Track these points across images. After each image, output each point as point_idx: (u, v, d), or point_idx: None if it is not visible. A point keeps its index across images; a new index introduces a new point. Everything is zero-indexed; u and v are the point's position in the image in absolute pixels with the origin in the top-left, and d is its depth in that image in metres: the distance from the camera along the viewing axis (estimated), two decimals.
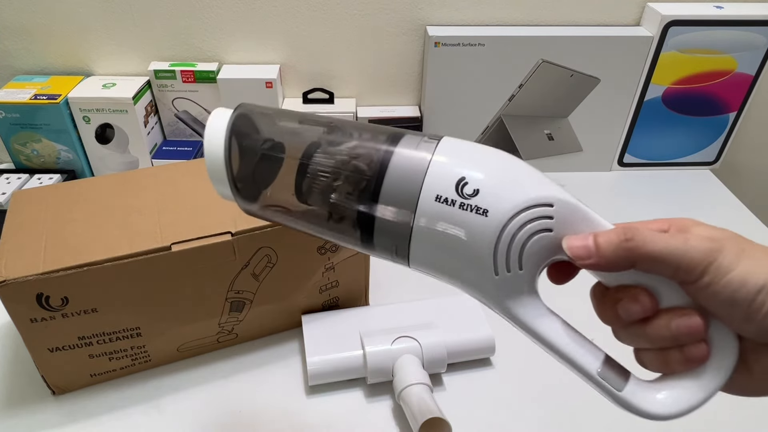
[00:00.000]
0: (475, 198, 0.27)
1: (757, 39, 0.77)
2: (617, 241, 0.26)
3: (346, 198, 0.30)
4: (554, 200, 0.27)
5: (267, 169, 0.32)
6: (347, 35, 0.80)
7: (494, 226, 0.27)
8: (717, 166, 0.90)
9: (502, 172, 0.28)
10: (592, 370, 0.28)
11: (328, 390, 0.54)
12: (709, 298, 0.26)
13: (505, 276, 0.28)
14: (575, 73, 0.79)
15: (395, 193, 0.28)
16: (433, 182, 0.28)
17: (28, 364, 0.54)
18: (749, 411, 0.53)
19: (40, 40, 0.79)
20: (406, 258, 0.30)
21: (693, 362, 0.27)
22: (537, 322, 0.29)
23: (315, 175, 0.30)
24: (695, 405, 0.28)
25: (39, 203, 0.52)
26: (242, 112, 0.32)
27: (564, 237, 0.28)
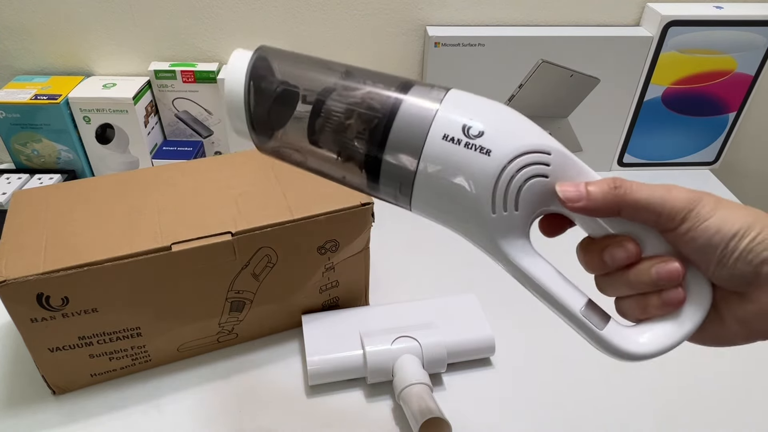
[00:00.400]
0: (480, 138, 0.29)
1: (756, 39, 0.77)
2: (606, 188, 0.29)
3: (357, 137, 0.31)
4: (552, 149, 0.30)
5: (283, 109, 0.33)
6: (347, 35, 0.80)
7: (495, 166, 0.29)
8: (717, 166, 0.90)
9: (506, 120, 0.30)
10: (575, 308, 0.30)
11: (328, 390, 0.54)
12: (687, 243, 0.28)
13: (501, 215, 0.30)
14: (575, 73, 0.79)
15: (405, 129, 0.30)
16: (441, 122, 0.30)
17: (28, 364, 0.54)
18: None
19: (41, 40, 0.79)
20: (408, 196, 0.31)
21: (670, 305, 0.29)
22: (526, 261, 0.30)
23: (328, 115, 0.32)
24: (671, 345, 0.29)
25: (39, 203, 0.52)
26: (261, 54, 0.33)
27: (558, 182, 0.30)
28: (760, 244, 0.27)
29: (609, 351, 0.30)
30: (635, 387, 0.55)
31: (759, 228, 0.27)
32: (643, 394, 0.54)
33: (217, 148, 0.86)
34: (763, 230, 0.27)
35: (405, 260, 0.69)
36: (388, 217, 0.75)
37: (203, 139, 0.85)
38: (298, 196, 0.53)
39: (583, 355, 0.58)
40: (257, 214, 0.51)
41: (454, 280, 0.66)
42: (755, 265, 0.27)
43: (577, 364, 0.57)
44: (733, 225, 0.27)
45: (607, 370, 0.56)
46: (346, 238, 0.55)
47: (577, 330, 0.31)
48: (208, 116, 0.83)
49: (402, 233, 0.73)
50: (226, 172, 0.57)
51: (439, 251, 0.71)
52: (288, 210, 0.51)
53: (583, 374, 0.56)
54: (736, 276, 0.28)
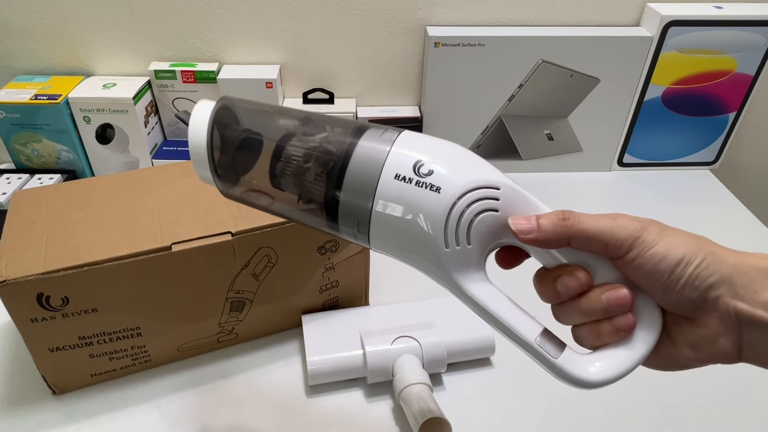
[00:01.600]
0: (430, 177, 0.30)
1: (756, 39, 0.77)
2: (556, 219, 0.30)
3: (315, 179, 0.33)
4: (501, 185, 0.31)
5: (245, 156, 0.35)
6: (347, 35, 0.80)
7: (445, 202, 0.30)
8: (716, 166, 0.90)
9: (455, 159, 0.32)
10: (530, 338, 0.31)
11: (328, 390, 0.54)
12: (635, 270, 0.29)
13: (454, 249, 0.31)
14: (575, 73, 0.79)
15: (359, 172, 0.32)
16: (393, 162, 0.31)
17: (28, 364, 0.54)
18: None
19: (41, 40, 0.79)
20: (366, 235, 0.33)
21: (621, 331, 0.30)
22: (481, 293, 0.32)
23: (288, 160, 0.33)
24: (625, 371, 0.30)
25: (39, 203, 0.52)
26: (224, 104, 0.35)
27: (509, 216, 0.31)
28: (705, 270, 0.28)
29: (565, 379, 0.31)
30: (635, 386, 0.55)
31: (703, 254, 0.28)
32: (643, 393, 0.54)
33: None
34: (707, 257, 0.28)
35: None
36: None
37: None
38: None
39: None
40: (257, 214, 0.51)
41: None
42: (702, 291, 0.28)
43: None
44: (678, 252, 0.28)
45: None
46: None
47: (533, 359, 0.31)
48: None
49: None
50: None
51: None
52: None
53: None
54: (684, 301, 0.29)
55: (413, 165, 0.31)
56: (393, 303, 0.59)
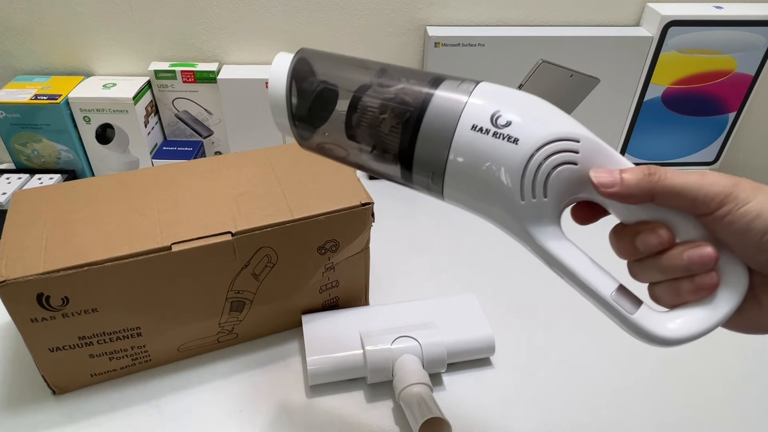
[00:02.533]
0: (508, 128, 0.30)
1: (756, 39, 0.77)
2: (640, 174, 0.29)
3: (391, 130, 0.33)
4: (581, 137, 0.30)
5: (322, 106, 0.36)
6: (347, 35, 0.80)
7: (523, 153, 0.29)
8: (717, 166, 0.90)
9: (534, 110, 0.31)
10: (606, 293, 0.30)
11: (328, 390, 0.54)
12: (724, 228, 0.28)
13: (530, 202, 0.30)
14: (575, 73, 0.79)
15: (435, 123, 0.31)
16: (470, 113, 0.31)
17: (28, 364, 0.54)
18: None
19: (41, 40, 0.79)
20: (440, 186, 0.32)
21: (703, 290, 0.29)
22: (555, 247, 0.31)
23: (364, 111, 0.34)
24: (704, 330, 0.29)
25: (39, 203, 0.52)
26: (302, 56, 0.36)
27: (590, 169, 0.30)
28: None
29: (640, 335, 0.30)
30: (635, 386, 0.55)
31: None
32: (644, 393, 0.54)
33: (217, 148, 0.86)
34: None
35: (405, 260, 0.69)
36: (388, 217, 0.75)
37: (203, 139, 0.85)
38: (298, 196, 0.53)
39: (583, 355, 0.58)
40: (257, 214, 0.51)
41: (454, 280, 0.66)
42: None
43: (577, 364, 0.57)
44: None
45: (607, 370, 0.56)
46: (346, 238, 0.55)
47: (608, 315, 0.30)
48: (208, 116, 0.83)
49: (402, 233, 0.73)
50: (226, 172, 0.57)
51: (439, 251, 0.71)
52: (288, 210, 0.51)
53: (583, 374, 0.56)
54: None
55: (491, 115, 0.30)
56: (393, 303, 0.59)
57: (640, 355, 0.58)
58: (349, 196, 0.53)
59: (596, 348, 0.58)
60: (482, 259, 0.70)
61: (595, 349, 0.58)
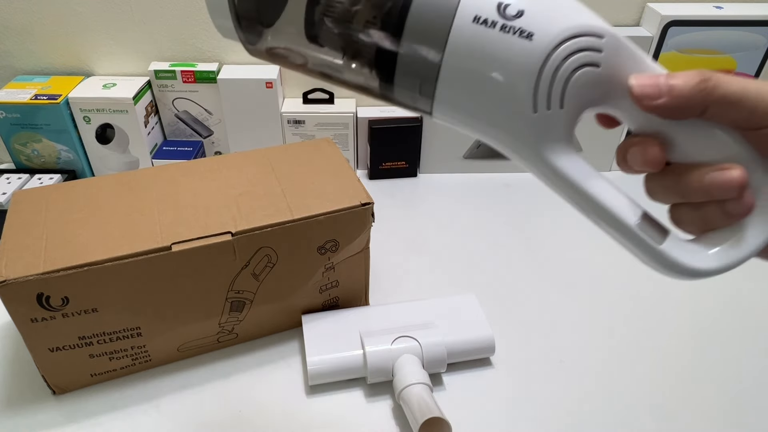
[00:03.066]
0: (520, 19, 0.24)
1: (757, 39, 0.77)
2: (693, 82, 0.24)
3: (366, 26, 0.26)
4: (605, 32, 0.25)
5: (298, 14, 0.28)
6: None
7: (539, 52, 0.24)
8: None
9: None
10: (630, 221, 0.26)
11: (328, 390, 0.54)
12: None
13: (544, 113, 0.25)
14: None
15: (427, 12, 0.25)
16: (471, 1, 0.25)
17: (28, 364, 0.54)
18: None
19: (41, 40, 0.79)
20: (431, 96, 0.26)
21: (734, 216, 0.25)
22: (572, 169, 0.27)
23: (329, 5, 0.26)
24: (737, 261, 0.26)
25: (39, 203, 0.52)
26: None
27: (630, 75, 0.25)
28: None
29: (668, 268, 0.26)
30: (635, 386, 0.55)
31: None
32: (644, 393, 0.54)
33: (217, 148, 0.86)
34: None
35: (405, 260, 0.69)
36: (388, 217, 0.75)
37: (203, 139, 0.85)
38: (298, 196, 0.53)
39: (583, 355, 0.58)
40: (257, 214, 0.51)
41: (454, 280, 0.66)
42: None
43: (577, 364, 0.57)
44: None
45: (607, 370, 0.56)
46: (346, 238, 0.55)
47: (631, 247, 0.27)
48: (208, 116, 0.83)
49: (402, 233, 0.73)
50: (226, 172, 0.57)
51: (439, 251, 0.71)
52: (288, 210, 0.51)
53: (583, 374, 0.56)
54: None
55: (497, 4, 0.24)
56: (393, 303, 0.59)
57: (639, 355, 0.58)
58: (349, 196, 0.53)
59: (596, 348, 0.58)
60: (482, 259, 0.70)
61: (595, 349, 0.58)
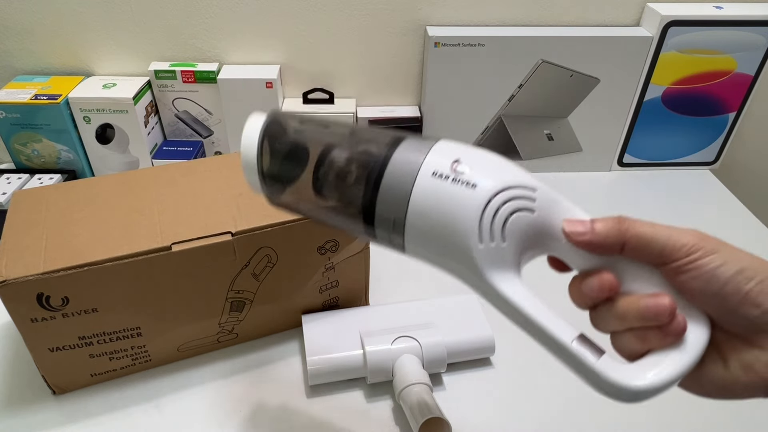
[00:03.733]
0: (466, 175, 0.31)
1: (756, 39, 0.77)
2: (611, 223, 0.30)
3: (355, 182, 0.34)
4: (538, 187, 0.31)
5: (291, 165, 0.37)
6: (347, 35, 0.80)
7: (481, 198, 0.30)
8: (716, 166, 0.90)
9: (491, 161, 0.33)
10: (566, 340, 0.30)
11: (328, 390, 0.54)
12: (689, 274, 0.28)
13: (488, 246, 0.30)
14: (575, 73, 0.79)
15: (399, 168, 0.33)
16: (431, 161, 0.32)
17: (28, 364, 0.54)
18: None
19: (41, 40, 0.79)
20: (401, 234, 0.33)
21: (672, 334, 0.28)
22: (514, 294, 0.31)
23: (330, 165, 0.35)
24: (674, 376, 0.28)
25: (39, 203, 0.52)
26: (275, 117, 0.38)
27: (546, 219, 0.31)
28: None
29: (605, 387, 0.29)
30: None
31: (766, 274, 0.27)
32: None
33: (217, 148, 0.86)
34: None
35: (405, 260, 0.68)
36: None
37: (203, 139, 0.85)
38: None
39: None
40: (257, 214, 0.51)
41: (454, 280, 0.66)
42: (764, 309, 0.27)
43: None
44: (740, 263, 0.27)
45: None
46: (346, 238, 0.55)
47: (569, 366, 0.30)
48: (208, 116, 0.83)
49: None
50: (226, 172, 0.57)
51: None
52: None
53: None
54: (742, 317, 0.28)
55: (451, 163, 0.32)
56: (393, 303, 0.59)
57: None
58: None
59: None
60: None
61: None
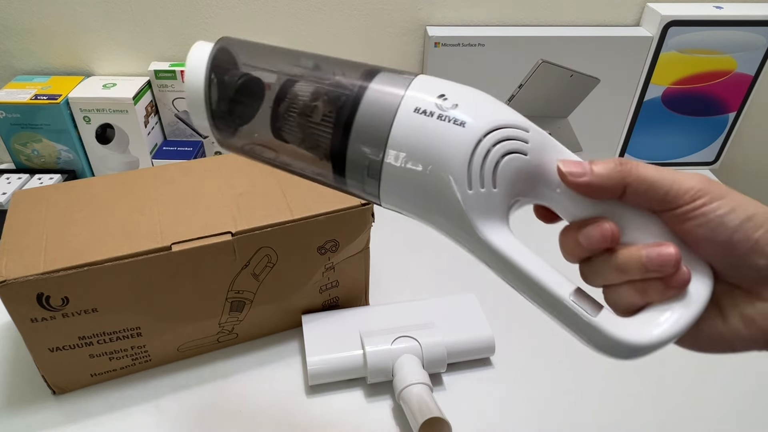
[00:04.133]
0: (454, 110, 0.28)
1: (756, 39, 0.77)
2: (612, 164, 0.27)
3: (323, 120, 0.30)
4: (530, 128, 0.29)
5: (245, 101, 0.32)
6: (347, 35, 0.80)
7: (471, 137, 0.27)
8: (716, 166, 0.90)
9: (481, 98, 0.29)
10: (564, 295, 0.27)
11: (328, 390, 0.54)
12: (694, 221, 0.26)
13: (478, 191, 0.28)
14: (575, 73, 0.79)
15: (376, 103, 0.29)
16: (414, 93, 0.28)
17: (28, 364, 0.54)
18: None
19: (41, 40, 0.79)
20: (377, 179, 0.29)
21: (674, 287, 0.26)
22: (506, 245, 0.28)
23: (293, 99, 0.30)
24: (679, 331, 0.27)
25: (39, 203, 0.52)
26: (223, 45, 0.32)
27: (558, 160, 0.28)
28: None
29: (603, 344, 0.27)
30: (635, 387, 0.55)
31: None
32: (644, 393, 0.54)
33: (217, 148, 0.86)
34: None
35: (405, 260, 0.69)
36: (388, 217, 0.75)
37: (203, 139, 0.85)
38: (298, 196, 0.53)
39: (583, 355, 0.58)
40: (257, 214, 0.51)
41: (454, 280, 0.66)
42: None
43: (577, 363, 0.57)
44: (748, 209, 0.26)
45: (607, 370, 0.56)
46: (346, 238, 0.55)
47: (564, 322, 0.28)
48: None
49: (402, 233, 0.73)
50: (226, 172, 0.57)
51: (439, 251, 0.71)
52: (288, 210, 0.51)
53: (583, 374, 0.56)
54: (747, 267, 0.26)
55: (436, 97, 0.28)
56: (393, 303, 0.59)
57: None
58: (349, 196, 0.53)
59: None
60: None
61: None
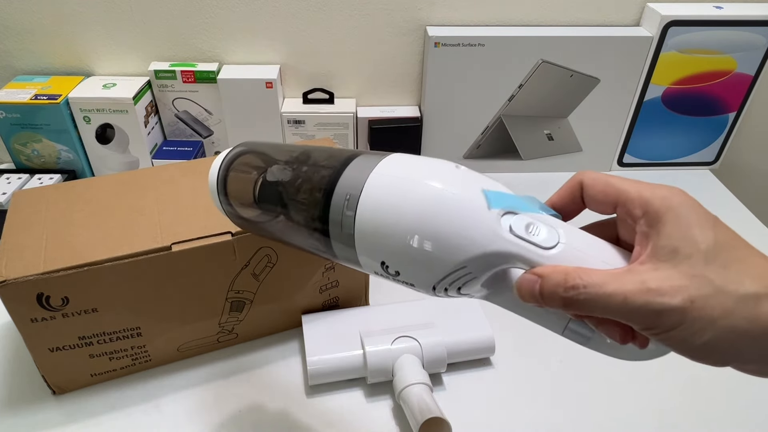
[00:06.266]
0: (400, 276, 0.31)
1: (756, 39, 0.77)
2: (560, 289, 0.26)
3: (310, 192, 0.35)
4: (467, 262, 0.28)
5: (249, 190, 0.40)
6: (347, 35, 0.80)
7: (425, 290, 0.31)
8: (716, 166, 0.90)
9: (415, 249, 0.29)
10: (557, 332, 0.33)
11: (328, 390, 0.54)
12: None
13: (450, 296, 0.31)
14: (575, 73, 0.79)
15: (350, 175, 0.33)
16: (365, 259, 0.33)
17: (28, 364, 0.54)
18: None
19: (41, 40, 0.79)
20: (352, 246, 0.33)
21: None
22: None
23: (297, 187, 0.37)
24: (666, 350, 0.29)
25: (39, 203, 0.52)
26: (240, 150, 0.42)
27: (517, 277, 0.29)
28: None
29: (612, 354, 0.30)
30: (636, 386, 0.55)
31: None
32: (644, 393, 0.54)
33: (217, 148, 0.86)
34: None
35: None
36: None
37: (203, 139, 0.85)
38: None
39: (583, 355, 0.58)
40: None
41: None
42: None
43: (576, 364, 0.57)
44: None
45: (607, 370, 0.56)
46: None
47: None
48: (208, 116, 0.83)
49: None
50: None
51: None
52: None
53: (583, 374, 0.56)
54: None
55: (380, 265, 0.31)
56: (393, 303, 0.59)
57: None
58: None
59: None
60: None
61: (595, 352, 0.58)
